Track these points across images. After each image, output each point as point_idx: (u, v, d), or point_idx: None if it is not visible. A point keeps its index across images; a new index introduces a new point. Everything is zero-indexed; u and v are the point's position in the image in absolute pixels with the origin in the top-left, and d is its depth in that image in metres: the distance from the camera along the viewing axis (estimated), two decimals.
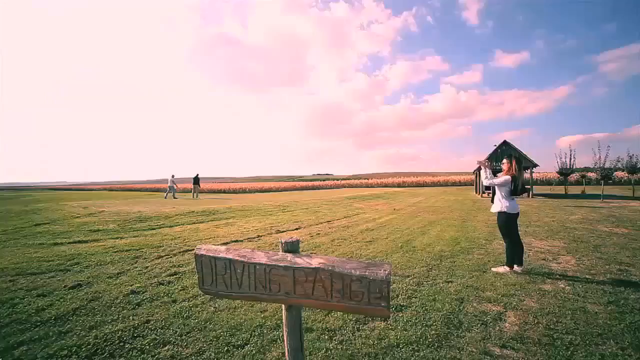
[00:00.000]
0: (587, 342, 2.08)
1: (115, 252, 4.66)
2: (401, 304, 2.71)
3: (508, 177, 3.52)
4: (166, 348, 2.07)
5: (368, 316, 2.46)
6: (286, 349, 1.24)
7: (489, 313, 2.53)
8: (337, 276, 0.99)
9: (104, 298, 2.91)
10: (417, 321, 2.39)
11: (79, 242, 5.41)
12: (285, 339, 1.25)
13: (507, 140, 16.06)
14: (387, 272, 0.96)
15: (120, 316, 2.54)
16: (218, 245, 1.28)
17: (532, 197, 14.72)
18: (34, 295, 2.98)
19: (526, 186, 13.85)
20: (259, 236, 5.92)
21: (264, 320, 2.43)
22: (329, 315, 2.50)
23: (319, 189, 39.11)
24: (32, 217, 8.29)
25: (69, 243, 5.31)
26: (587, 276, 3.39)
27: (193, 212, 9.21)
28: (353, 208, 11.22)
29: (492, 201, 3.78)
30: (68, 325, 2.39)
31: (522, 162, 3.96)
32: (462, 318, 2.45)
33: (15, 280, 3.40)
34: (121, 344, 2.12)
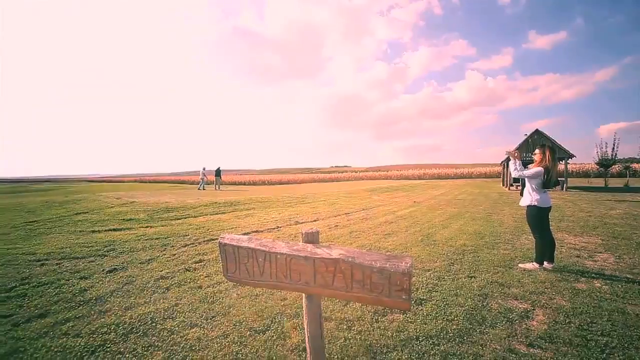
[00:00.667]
0: (626, 345, 1.95)
1: (146, 239, 4.98)
2: (421, 297, 2.67)
3: (540, 169, 3.30)
4: (193, 330, 2.20)
5: (388, 308, 2.45)
6: (306, 335, 1.27)
7: (515, 310, 2.43)
8: (357, 267, 0.99)
9: (137, 282, 3.14)
10: (437, 315, 2.35)
11: (114, 230, 5.84)
12: (305, 326, 1.28)
13: (539, 129, 15.02)
14: (408, 264, 0.94)
15: (152, 299, 2.73)
16: (240, 235, 1.32)
17: (566, 190, 13.75)
18: (77, 277, 3.28)
19: (560, 178, 12.93)
20: (278, 227, 6.05)
21: (284, 308, 2.50)
22: (347, 305, 2.53)
23: (336, 181, 39.06)
24: (72, 207, 9.04)
25: (105, 231, 5.74)
26: (627, 275, 3.14)
27: (216, 203, 9.57)
28: (371, 200, 11.11)
29: (522, 194, 3.57)
30: (107, 305, 2.60)
31: (557, 152, 3.68)
32: (485, 314, 2.37)
33: (60, 264, 3.75)
34: (153, 324, 2.29)
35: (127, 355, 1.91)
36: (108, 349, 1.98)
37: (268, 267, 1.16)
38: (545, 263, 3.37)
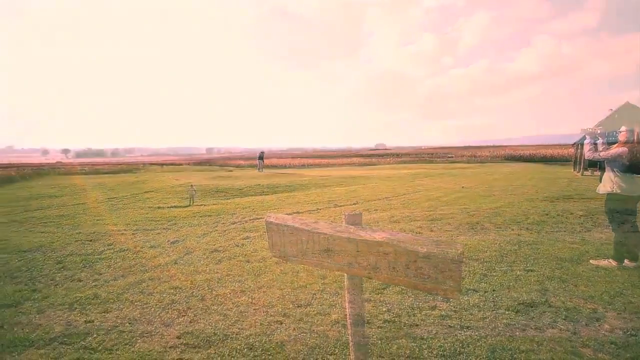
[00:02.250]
0: None
1: (201, 216, 5.55)
2: (467, 287, 2.53)
3: (624, 149, 2.74)
4: (243, 298, 2.44)
5: (434, 294, 2.38)
6: (347, 314, 1.31)
7: (582, 310, 2.16)
8: (402, 251, 0.96)
9: (195, 253, 3.55)
10: (485, 307, 2.22)
11: (174, 207, 6.62)
12: (346, 305, 1.31)
13: (630, 102, 12.42)
14: (459, 251, 0.88)
15: (207, 268, 3.07)
16: (283, 214, 1.38)
17: None
18: (148, 246, 3.84)
19: None
20: (318, 209, 6.20)
21: (324, 286, 2.60)
22: (387, 288, 2.52)
23: (377, 164, 38.05)
24: (141, 186, 10.45)
25: (167, 207, 6.55)
26: None
27: (259, 185, 10.14)
28: (414, 185, 10.62)
29: (601, 180, 3.05)
30: (173, 271, 3.01)
31: None
32: (543, 311, 2.16)
33: (136, 234, 4.42)
34: (209, 289, 2.59)
35: (189, 314, 2.21)
36: (175, 308, 2.31)
37: (311, 246, 1.20)
38: (626, 261, 2.89)
